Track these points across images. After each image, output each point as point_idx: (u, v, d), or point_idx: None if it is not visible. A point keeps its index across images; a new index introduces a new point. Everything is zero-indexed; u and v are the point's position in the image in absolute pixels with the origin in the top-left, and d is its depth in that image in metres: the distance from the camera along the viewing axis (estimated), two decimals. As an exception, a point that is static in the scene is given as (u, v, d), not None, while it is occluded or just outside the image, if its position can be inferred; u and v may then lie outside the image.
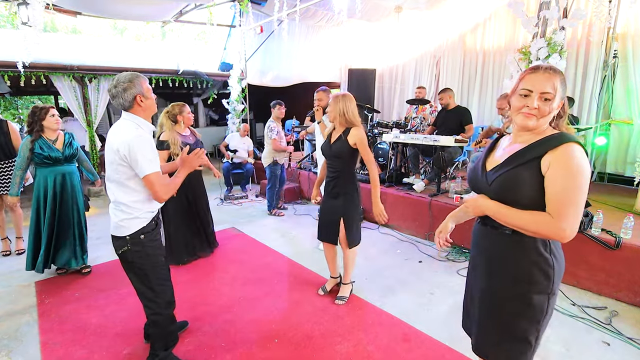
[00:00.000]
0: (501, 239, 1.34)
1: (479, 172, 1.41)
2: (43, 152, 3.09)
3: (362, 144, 2.60)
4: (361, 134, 2.60)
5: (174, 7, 6.37)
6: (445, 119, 4.89)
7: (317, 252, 3.87)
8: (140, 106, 1.90)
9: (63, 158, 3.18)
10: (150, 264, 1.99)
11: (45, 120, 3.12)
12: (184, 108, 3.43)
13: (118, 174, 1.86)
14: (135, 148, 1.79)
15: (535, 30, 2.96)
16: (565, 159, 1.17)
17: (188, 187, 3.45)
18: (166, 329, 2.14)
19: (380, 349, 2.33)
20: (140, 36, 21.76)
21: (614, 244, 2.84)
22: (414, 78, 7.71)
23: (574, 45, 5.09)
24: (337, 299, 2.86)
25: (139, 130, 1.88)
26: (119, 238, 1.94)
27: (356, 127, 2.63)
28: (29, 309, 2.83)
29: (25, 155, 3.10)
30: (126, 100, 1.86)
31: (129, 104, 1.88)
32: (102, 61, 6.82)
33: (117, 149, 1.80)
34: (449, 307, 2.82)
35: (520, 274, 1.30)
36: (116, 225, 1.93)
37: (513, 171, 1.26)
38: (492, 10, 6.23)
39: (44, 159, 3.10)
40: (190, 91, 9.68)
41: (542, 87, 1.22)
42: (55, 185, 3.17)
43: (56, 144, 3.18)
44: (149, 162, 1.83)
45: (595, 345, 2.37)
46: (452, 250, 3.82)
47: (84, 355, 2.29)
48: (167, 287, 2.14)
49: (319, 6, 6.23)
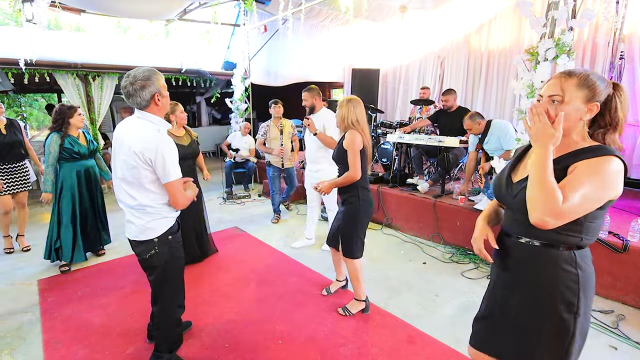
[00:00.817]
0: (525, 251, 1.28)
1: (503, 182, 1.35)
2: (73, 147, 3.31)
3: (349, 146, 2.47)
4: (352, 137, 2.47)
5: (178, 6, 6.36)
6: (447, 120, 4.86)
7: (321, 252, 3.85)
8: (157, 105, 1.82)
9: (88, 153, 3.46)
10: (173, 266, 1.97)
11: (73, 118, 3.30)
12: (176, 107, 3.33)
13: (139, 178, 1.77)
14: (163, 153, 1.73)
15: (544, 30, 2.93)
16: (596, 165, 1.10)
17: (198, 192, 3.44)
18: (173, 332, 2.12)
19: (385, 351, 2.31)
20: (144, 34, 21.77)
21: (622, 247, 2.81)
22: (418, 78, 7.67)
23: (580, 47, 5.04)
24: (340, 308, 2.73)
25: (161, 132, 1.81)
26: (144, 242, 1.87)
27: (351, 130, 2.51)
28: (32, 307, 2.82)
29: (56, 152, 3.24)
30: (144, 99, 1.77)
31: (146, 103, 1.78)
32: (106, 59, 6.82)
33: (141, 152, 1.72)
34: (454, 309, 2.79)
35: (550, 289, 1.22)
36: (142, 229, 1.85)
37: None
38: (497, 11, 6.18)
39: (74, 154, 3.33)
40: (194, 90, 9.68)
41: (549, 89, 1.19)
42: (81, 178, 3.42)
43: (80, 140, 3.40)
44: (174, 168, 1.79)
45: (603, 350, 2.34)
46: (456, 252, 3.79)
47: (86, 354, 2.28)
48: (183, 291, 2.15)
49: (324, 5, 6.20)
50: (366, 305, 2.73)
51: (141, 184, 1.79)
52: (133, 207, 1.85)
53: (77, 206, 3.41)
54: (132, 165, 1.76)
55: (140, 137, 1.75)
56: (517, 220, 1.28)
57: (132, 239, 1.90)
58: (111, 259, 3.68)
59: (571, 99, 1.16)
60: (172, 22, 7.18)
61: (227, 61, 7.97)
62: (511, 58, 5.86)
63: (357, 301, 2.73)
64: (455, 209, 3.89)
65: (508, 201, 1.32)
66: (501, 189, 1.35)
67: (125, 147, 1.77)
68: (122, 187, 1.85)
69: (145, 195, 1.82)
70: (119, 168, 1.83)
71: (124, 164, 1.79)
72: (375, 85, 7.87)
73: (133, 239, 1.90)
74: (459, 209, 3.87)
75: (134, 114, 1.87)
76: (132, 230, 1.89)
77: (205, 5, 6.39)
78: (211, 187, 6.56)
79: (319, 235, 4.12)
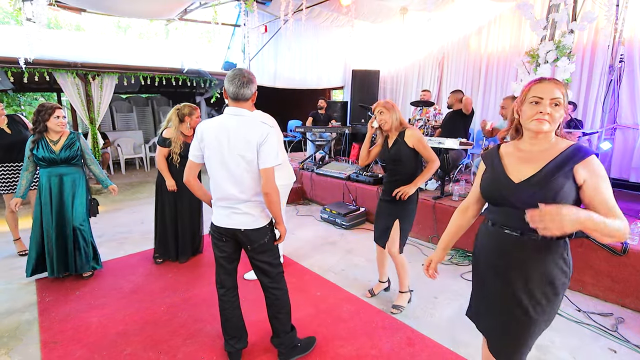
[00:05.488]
0: (527, 244, 1.38)
1: (502, 184, 1.43)
2: (38, 152, 2.94)
3: (421, 143, 2.57)
4: (418, 134, 2.58)
5: (179, 6, 6.36)
6: (447, 120, 4.87)
7: (320, 253, 3.85)
8: (253, 102, 2.00)
9: (58, 160, 2.98)
10: (274, 244, 2.11)
11: (49, 122, 2.96)
12: (195, 111, 3.39)
13: (252, 167, 1.90)
14: (272, 139, 1.89)
15: (544, 33, 2.93)
16: (598, 169, 1.30)
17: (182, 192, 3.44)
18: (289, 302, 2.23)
19: (384, 352, 2.30)
20: (144, 34, 21.77)
21: (621, 250, 2.81)
22: (418, 80, 7.69)
23: (579, 49, 5.05)
24: (393, 308, 2.77)
25: (265, 122, 1.95)
26: (259, 229, 1.99)
27: (409, 128, 2.61)
28: (29, 306, 2.81)
29: (27, 156, 2.99)
30: (251, 92, 1.93)
31: (249, 96, 1.93)
32: (106, 58, 6.81)
33: (256, 142, 1.86)
34: (453, 311, 2.79)
35: (549, 277, 1.37)
36: (256, 217, 1.98)
37: (554, 181, 1.31)
38: (497, 14, 6.20)
39: (39, 160, 2.96)
40: (193, 90, 9.67)
41: (551, 93, 1.31)
42: (52, 187, 3.00)
43: (56, 145, 2.99)
44: (277, 155, 1.93)
45: (602, 353, 2.34)
46: (455, 254, 3.79)
47: (84, 354, 2.27)
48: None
49: (324, 7, 6.21)
50: (410, 295, 2.87)
51: (254, 173, 1.92)
52: (250, 200, 1.96)
53: (41, 217, 3.04)
54: (250, 157, 1.88)
55: (251, 127, 1.88)
56: (518, 216, 1.35)
57: (246, 228, 1.98)
58: (109, 259, 3.66)
59: (564, 102, 1.34)
60: (172, 22, 7.17)
61: (227, 61, 7.98)
62: (510, 60, 5.91)
63: (403, 293, 2.82)
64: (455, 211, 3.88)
65: (512, 201, 1.39)
66: (501, 190, 1.43)
67: (241, 141, 1.87)
68: (237, 181, 1.92)
69: (257, 183, 1.95)
70: (232, 163, 1.89)
71: (240, 158, 1.88)
72: (375, 87, 7.89)
73: (246, 228, 1.98)
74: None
75: (226, 110, 1.97)
76: (247, 221, 1.97)
77: (206, 6, 6.39)
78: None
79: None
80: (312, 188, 5.74)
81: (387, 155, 2.67)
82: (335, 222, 4.71)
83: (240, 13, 7.10)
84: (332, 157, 7.00)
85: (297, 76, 8.27)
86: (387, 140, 2.72)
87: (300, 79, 8.29)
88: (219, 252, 2.10)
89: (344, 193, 5.19)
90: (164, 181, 3.42)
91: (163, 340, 2.40)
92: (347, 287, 3.13)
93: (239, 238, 2.02)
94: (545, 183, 1.32)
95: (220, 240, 2.07)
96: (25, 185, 3.04)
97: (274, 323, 2.20)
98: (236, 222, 1.97)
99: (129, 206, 5.49)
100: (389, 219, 2.70)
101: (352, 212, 4.68)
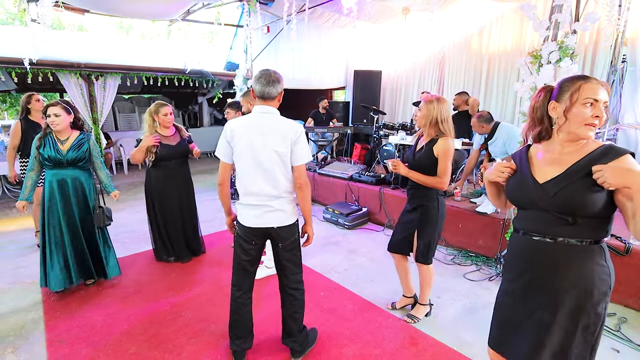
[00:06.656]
0: (560, 250, 1.30)
1: (529, 184, 1.36)
2: (44, 151, 2.76)
3: (445, 155, 2.31)
4: (447, 146, 2.31)
5: (182, 6, 6.37)
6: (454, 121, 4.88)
7: (322, 253, 3.86)
8: (279, 101, 2.04)
9: (64, 161, 2.80)
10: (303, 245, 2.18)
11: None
12: (160, 108, 3.24)
13: (284, 163, 1.96)
14: (304, 137, 1.98)
15: (547, 33, 2.94)
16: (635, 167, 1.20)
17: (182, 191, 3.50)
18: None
19: (387, 352, 2.31)
20: (146, 35, 21.84)
21: (624, 250, 2.81)
22: (419, 80, 7.69)
23: (581, 50, 5.05)
24: (408, 317, 2.66)
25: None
26: (290, 226, 2.05)
27: (445, 137, 2.34)
28: (35, 305, 2.83)
29: (33, 155, 2.80)
30: (277, 91, 1.97)
31: (275, 95, 1.97)
32: (109, 59, 6.84)
33: (290, 138, 1.93)
34: (456, 311, 2.79)
35: (590, 285, 1.27)
36: (288, 214, 2.04)
37: (580, 182, 1.23)
38: (499, 14, 6.20)
39: (45, 159, 2.77)
40: (196, 90, 9.70)
41: (603, 95, 1.23)
42: (53, 190, 2.81)
43: (64, 145, 2.81)
44: (309, 152, 2.03)
45: (605, 352, 2.34)
46: (458, 254, 3.80)
47: (89, 353, 2.28)
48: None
49: (327, 7, 6.22)
50: (430, 309, 2.72)
51: (287, 170, 1.99)
52: (281, 196, 2.00)
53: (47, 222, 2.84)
54: (284, 152, 1.94)
55: (283, 124, 1.96)
56: (547, 220, 1.30)
57: (279, 225, 2.02)
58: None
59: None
60: (175, 23, 7.19)
61: (230, 62, 8.00)
62: (512, 61, 5.91)
63: (422, 305, 2.68)
64: (457, 211, 3.89)
65: (539, 203, 1.33)
66: (527, 191, 1.36)
67: (276, 137, 1.92)
68: (270, 177, 1.96)
69: (289, 180, 2.02)
70: (265, 159, 1.93)
71: (275, 154, 1.93)
72: (377, 87, 7.90)
73: (280, 225, 2.02)
74: (461, 211, 3.87)
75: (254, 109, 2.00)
76: (280, 218, 2.02)
77: (209, 6, 6.40)
78: (214, 187, 6.56)
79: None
80: (315, 188, 5.75)
81: (412, 160, 2.49)
82: (338, 222, 4.72)
83: (242, 13, 7.12)
84: (334, 157, 7.02)
85: (299, 76, 8.27)
86: (417, 141, 2.54)
87: (302, 79, 8.29)
88: (245, 256, 2.10)
89: (347, 193, 5.20)
90: (152, 183, 3.47)
91: (167, 339, 2.42)
92: (350, 287, 3.14)
93: (272, 236, 2.06)
94: (569, 183, 1.25)
95: (249, 242, 2.07)
96: (30, 187, 2.85)
97: (290, 322, 2.22)
98: (269, 221, 2.01)
99: (131, 206, 5.51)
100: (404, 227, 2.58)
101: (355, 212, 4.69)
